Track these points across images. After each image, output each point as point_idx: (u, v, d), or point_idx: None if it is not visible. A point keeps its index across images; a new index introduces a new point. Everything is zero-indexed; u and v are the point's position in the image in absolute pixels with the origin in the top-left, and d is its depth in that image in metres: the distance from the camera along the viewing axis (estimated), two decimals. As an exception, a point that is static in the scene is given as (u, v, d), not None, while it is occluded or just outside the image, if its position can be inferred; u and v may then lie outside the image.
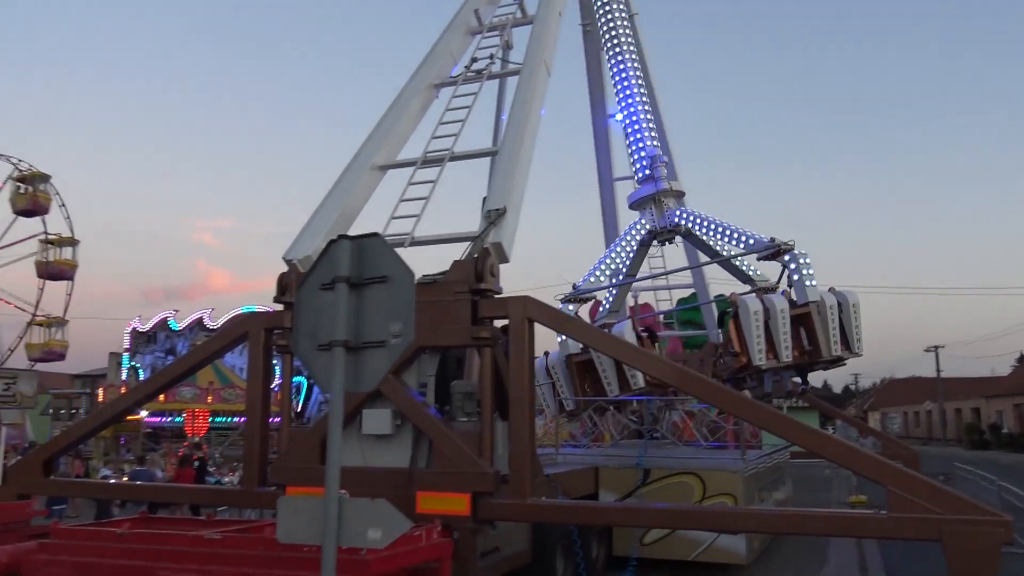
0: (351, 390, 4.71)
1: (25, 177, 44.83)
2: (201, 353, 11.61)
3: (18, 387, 11.51)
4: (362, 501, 4.53)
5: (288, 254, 10.50)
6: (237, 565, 6.55)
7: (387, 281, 4.65)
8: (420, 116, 12.53)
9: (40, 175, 45.13)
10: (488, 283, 9.02)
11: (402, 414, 9.15)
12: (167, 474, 20.81)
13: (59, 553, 7.43)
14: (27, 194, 44.49)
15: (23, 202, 44.28)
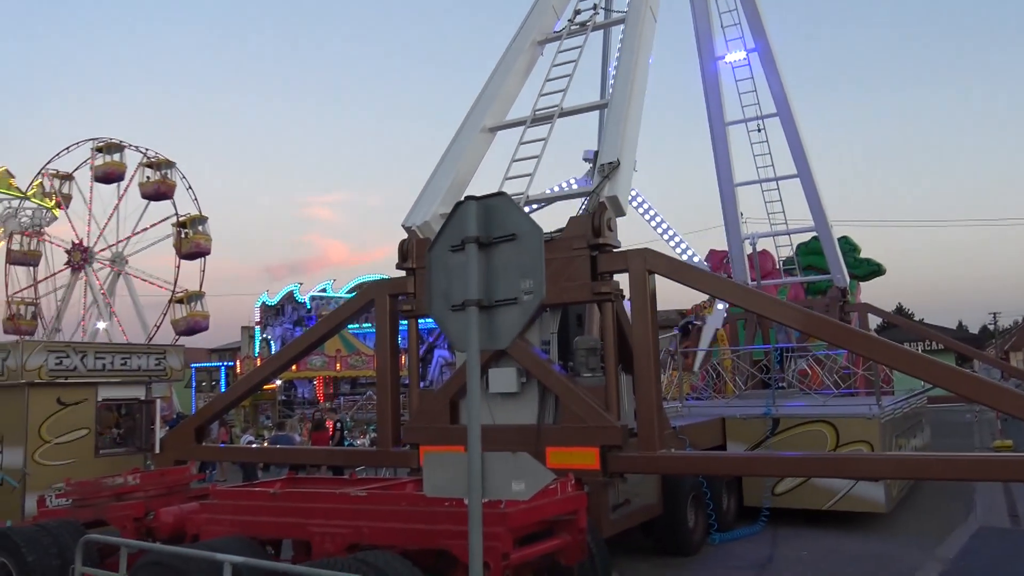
0: (486, 348, 4.80)
1: (152, 163, 47.61)
2: (329, 323, 12.07)
3: (167, 361, 12.28)
4: (504, 455, 4.65)
5: (407, 221, 10.73)
6: (383, 520, 6.86)
7: (516, 239, 4.70)
8: (526, 75, 12.47)
9: (166, 161, 47.83)
10: (606, 237, 8.97)
11: (527, 372, 9.28)
12: (303, 438, 21.89)
13: (219, 512, 7.98)
14: (154, 180, 47.31)
15: (150, 187, 47.14)
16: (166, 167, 47.60)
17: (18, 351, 10.54)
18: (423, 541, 6.59)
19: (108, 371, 11.35)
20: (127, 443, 11.69)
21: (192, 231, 46.91)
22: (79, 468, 10.41)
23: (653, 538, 10.68)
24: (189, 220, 47.12)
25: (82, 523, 8.69)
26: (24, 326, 47.67)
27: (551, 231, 9.21)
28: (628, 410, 9.42)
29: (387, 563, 5.99)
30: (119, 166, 48.46)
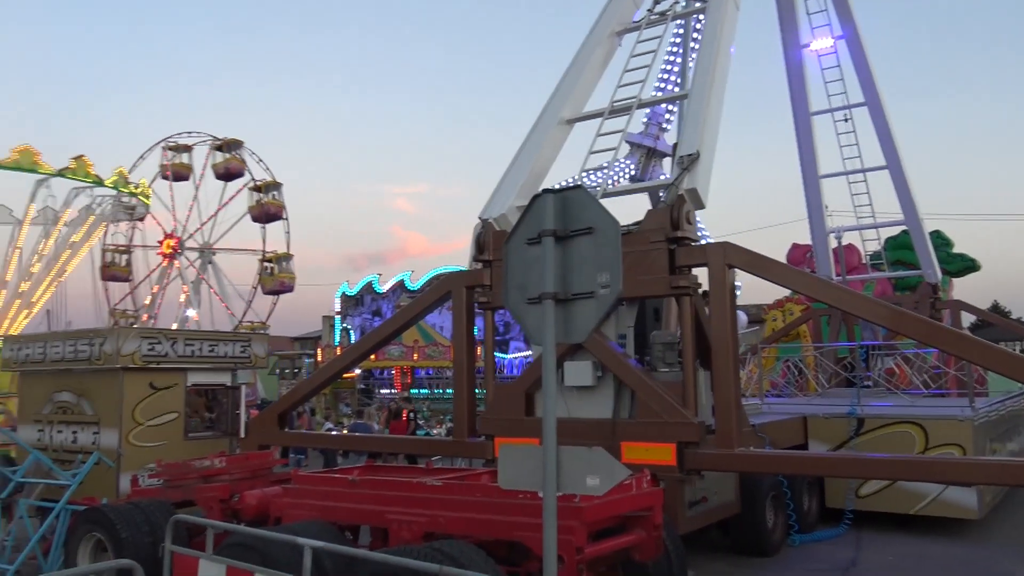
0: (562, 341, 4.78)
1: (221, 145, 49.53)
2: (408, 314, 12.23)
3: (252, 349, 12.64)
4: (579, 449, 4.63)
5: (484, 213, 10.78)
6: (457, 510, 6.93)
7: (593, 232, 4.66)
8: (604, 66, 12.36)
9: (233, 141, 49.73)
10: (685, 231, 8.83)
11: (603, 366, 9.22)
12: (381, 427, 22.29)
13: (301, 497, 8.19)
14: (223, 160, 49.26)
15: (221, 167, 49.15)
16: (234, 147, 49.51)
17: (114, 337, 11.01)
18: (497, 532, 6.63)
19: (197, 357, 11.75)
20: (214, 427, 12.09)
21: (266, 195, 48.72)
22: (169, 450, 10.82)
23: (731, 537, 10.50)
24: (263, 185, 48.99)
25: (172, 503, 9.04)
26: (119, 272, 50.08)
27: (628, 224, 9.12)
28: (706, 406, 9.27)
29: (462, 553, 6.04)
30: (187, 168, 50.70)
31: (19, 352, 12.69)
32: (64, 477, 10.04)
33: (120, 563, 5.41)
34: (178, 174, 50.64)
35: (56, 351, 11.80)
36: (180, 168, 50.65)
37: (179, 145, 50.81)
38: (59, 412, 11.69)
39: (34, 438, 11.86)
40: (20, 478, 10.53)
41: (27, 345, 12.61)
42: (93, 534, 8.80)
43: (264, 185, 49.44)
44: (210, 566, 6.45)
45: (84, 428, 11.26)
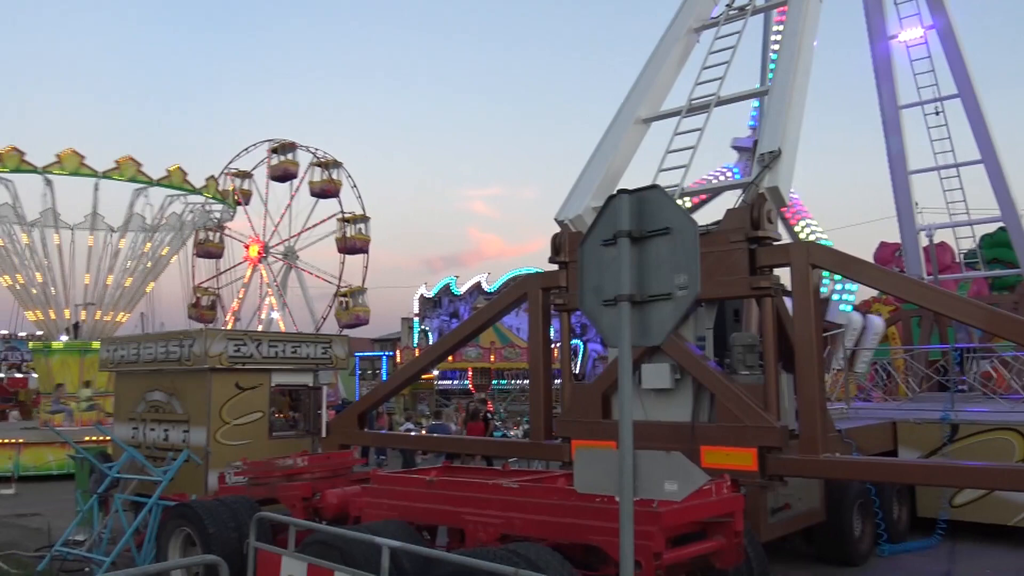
0: (638, 344, 4.71)
1: (321, 163, 50.68)
2: (484, 316, 12.30)
3: (333, 350, 12.90)
4: (657, 454, 4.55)
5: (559, 215, 10.75)
6: (534, 512, 6.90)
7: (670, 233, 4.58)
8: (682, 63, 12.18)
9: (333, 161, 50.90)
10: (766, 230, 8.62)
11: (681, 368, 9.07)
12: (459, 428, 22.48)
13: (379, 496, 8.31)
14: (322, 179, 50.44)
15: (318, 186, 50.27)
16: (333, 167, 50.63)
17: (202, 338, 11.40)
18: (574, 535, 6.59)
19: (280, 358, 12.06)
20: (296, 427, 12.39)
21: (354, 229, 49.69)
22: (254, 448, 11.13)
23: (815, 545, 10.18)
24: (352, 218, 49.99)
25: (256, 500, 9.29)
26: (206, 315, 52.01)
27: (707, 224, 8.95)
28: (788, 410, 9.02)
29: (538, 555, 6.02)
30: (293, 164, 51.93)
31: (115, 353, 13.27)
32: (156, 473, 10.42)
33: (206, 559, 5.58)
34: (285, 172, 52.04)
35: (149, 352, 12.30)
36: (288, 165, 52.03)
37: (284, 144, 52.26)
38: (152, 411, 12.17)
39: (128, 435, 12.38)
40: (116, 474, 11.00)
41: (122, 346, 13.17)
42: (183, 529, 9.12)
43: (353, 218, 50.46)
44: (292, 563, 6.59)
45: (175, 426, 11.70)
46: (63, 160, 26.35)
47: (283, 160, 52.18)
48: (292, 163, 52.25)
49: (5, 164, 26.06)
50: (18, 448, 21.96)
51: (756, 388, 8.55)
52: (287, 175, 52.23)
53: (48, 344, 27.74)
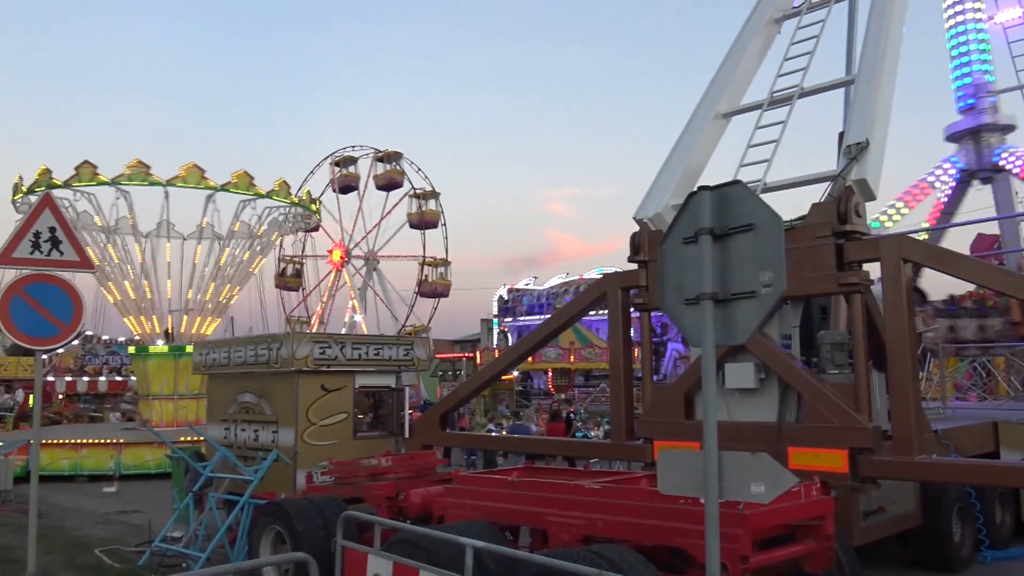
0: (722, 343, 4.62)
1: (382, 157, 51.87)
2: (564, 316, 12.26)
3: (415, 352, 13.07)
4: (743, 455, 4.45)
5: (638, 213, 10.63)
6: (616, 514, 6.84)
7: (753, 229, 4.47)
8: (762, 56, 11.89)
9: (394, 153, 52.07)
10: (854, 224, 8.33)
11: (766, 367, 8.86)
12: (540, 428, 22.49)
13: (462, 496, 8.37)
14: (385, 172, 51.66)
15: (383, 179, 51.55)
16: (395, 159, 51.80)
17: (289, 341, 11.71)
18: (657, 537, 6.50)
19: (364, 360, 12.28)
20: (380, 427, 12.60)
21: (424, 203, 50.77)
22: (339, 449, 11.36)
23: (911, 550, 9.80)
24: (423, 194, 51.09)
25: (342, 499, 9.49)
26: (290, 283, 53.67)
27: (792, 219, 8.71)
28: (880, 410, 8.70)
29: (622, 557, 5.97)
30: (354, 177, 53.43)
31: (207, 356, 13.75)
32: (247, 473, 10.75)
33: (296, 556, 5.72)
34: (346, 185, 53.60)
35: (239, 355, 12.69)
36: (348, 178, 53.57)
37: (345, 158, 53.76)
38: (242, 412, 12.56)
39: (221, 436, 12.81)
40: (210, 473, 11.40)
41: (214, 350, 13.63)
42: (273, 527, 9.38)
43: (423, 194, 51.58)
44: (378, 562, 6.70)
45: (264, 427, 12.04)
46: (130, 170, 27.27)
47: (345, 173, 53.63)
48: (353, 176, 53.69)
49: (80, 178, 27.28)
50: (119, 448, 23.02)
51: (846, 387, 8.29)
52: (350, 187, 53.60)
53: (145, 348, 28.97)
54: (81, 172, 27.24)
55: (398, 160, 52.46)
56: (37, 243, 9.06)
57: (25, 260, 9.10)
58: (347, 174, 53.82)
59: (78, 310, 9.33)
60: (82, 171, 27.23)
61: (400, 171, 52.07)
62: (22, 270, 9.33)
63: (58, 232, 9.20)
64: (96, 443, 23.40)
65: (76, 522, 15.02)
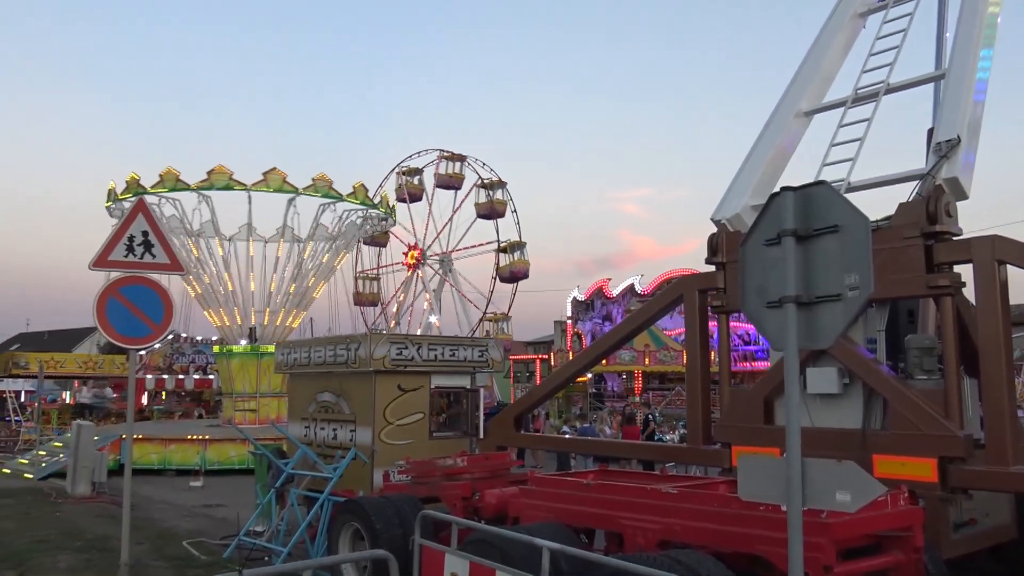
0: (806, 347, 4.51)
1: (486, 184, 51.70)
2: (639, 318, 12.15)
3: (489, 353, 13.15)
4: (828, 462, 4.33)
5: (716, 214, 10.47)
6: (694, 519, 6.75)
7: (838, 230, 4.35)
8: (846, 52, 11.55)
9: (499, 182, 51.73)
10: (944, 224, 8.01)
11: (850, 372, 8.60)
12: (614, 431, 22.36)
13: (537, 498, 8.38)
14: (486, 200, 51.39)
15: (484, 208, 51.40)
16: (498, 188, 51.50)
17: (367, 342, 11.93)
18: (736, 544, 6.39)
19: (439, 361, 12.43)
20: (455, 428, 12.73)
21: (511, 256, 50.41)
22: (416, 448, 11.52)
23: (1006, 564, 9.36)
24: (510, 245, 50.61)
25: (419, 498, 9.61)
26: (368, 299, 54.56)
27: (877, 219, 8.44)
28: (972, 418, 8.35)
29: (700, 563, 5.88)
30: (458, 177, 53.70)
31: (288, 356, 14.12)
32: (327, 470, 11.00)
33: (376, 554, 5.82)
34: (412, 195, 54.17)
35: (318, 355, 13.00)
36: (413, 189, 54.17)
37: (411, 169, 54.33)
38: (321, 411, 12.85)
39: (301, 434, 13.13)
40: (291, 470, 11.70)
41: (295, 350, 14.00)
42: (351, 524, 9.57)
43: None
44: (455, 561, 6.77)
45: (342, 426, 12.30)
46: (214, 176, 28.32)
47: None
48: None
49: (165, 184, 28.40)
50: (204, 444, 23.87)
51: (935, 394, 7.98)
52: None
53: (229, 348, 29.95)
54: (165, 178, 28.41)
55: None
56: (131, 246, 9.48)
57: (120, 263, 9.52)
58: (412, 185, 54.38)
59: (168, 310, 9.72)
60: (166, 177, 28.40)
61: (502, 203, 51.70)
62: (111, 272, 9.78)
63: (150, 236, 9.59)
64: (183, 439, 24.33)
65: (164, 514, 15.63)
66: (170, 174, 28.28)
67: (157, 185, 28.27)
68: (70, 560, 10.94)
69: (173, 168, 28.36)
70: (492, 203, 51.15)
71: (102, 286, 9.56)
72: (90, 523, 13.97)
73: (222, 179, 28.22)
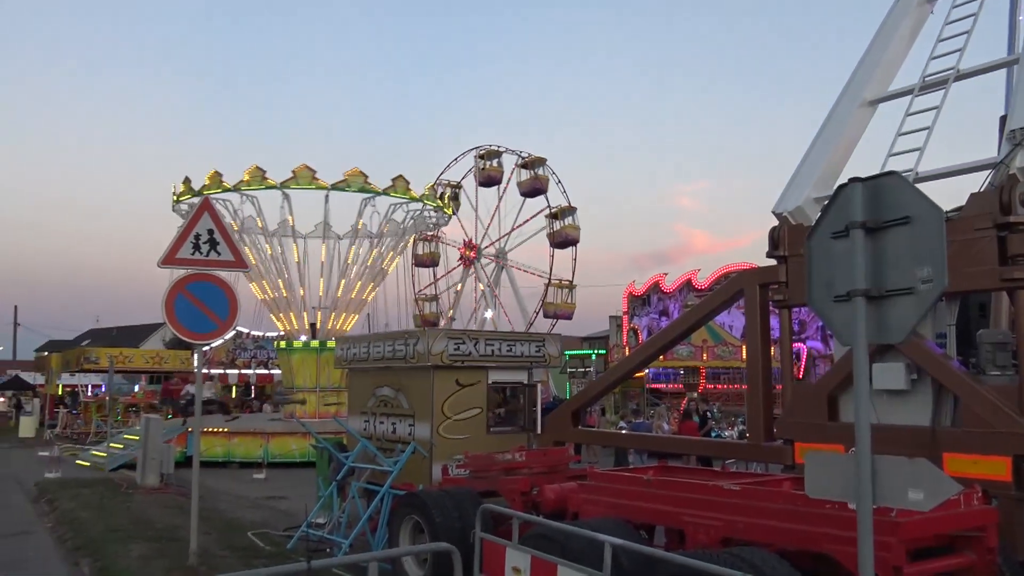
0: (875, 341, 4.40)
1: (526, 163, 52.20)
2: (698, 313, 12.00)
3: (546, 348, 13.15)
4: (899, 459, 4.23)
5: (777, 207, 10.29)
6: (758, 516, 6.65)
7: (910, 222, 4.23)
8: (913, 38, 11.22)
9: (538, 159, 52.29)
10: (1018, 215, 7.72)
11: (918, 368, 8.37)
12: (672, 427, 22.16)
13: (596, 494, 8.37)
14: (528, 178, 51.95)
15: (526, 185, 51.87)
16: (538, 165, 51.95)
17: (425, 337, 12.04)
18: (802, 542, 6.28)
19: (496, 356, 12.47)
20: (512, 423, 12.75)
21: (562, 222, 50.84)
22: (473, 443, 11.58)
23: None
24: (560, 211, 51.16)
25: (477, 492, 9.67)
26: (427, 259, 55.45)
27: (947, 210, 8.19)
28: (1051, 416, 8.06)
29: (764, 561, 5.80)
30: (496, 171, 53.99)
31: (348, 351, 14.33)
32: (386, 464, 11.14)
33: (440, 546, 5.88)
34: (490, 178, 54.48)
35: (377, 351, 13.16)
36: (492, 171, 54.45)
37: (490, 151, 54.64)
38: (380, 405, 13.01)
39: (360, 427, 13.32)
40: (351, 463, 11.88)
41: (354, 345, 14.19)
42: (411, 517, 9.68)
43: (560, 211, 51.67)
44: (517, 555, 6.80)
45: (401, 420, 12.44)
46: (297, 175, 29.01)
47: (488, 167, 54.34)
48: (496, 169, 54.33)
49: (249, 182, 29.11)
50: (267, 438, 24.39)
51: (1009, 390, 7.72)
52: (492, 181, 54.33)
53: (290, 344, 30.53)
54: (249, 176, 29.18)
55: (542, 165, 52.77)
56: (197, 244, 9.73)
57: (187, 260, 9.79)
58: (491, 168, 54.67)
59: (233, 306, 9.95)
60: (251, 175, 29.16)
61: (544, 178, 52.19)
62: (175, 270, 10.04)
63: (216, 234, 9.83)
64: (246, 433, 24.90)
65: (229, 505, 16.02)
66: (256, 172, 29.01)
67: (241, 183, 29.10)
68: (142, 549, 11.29)
69: (259, 166, 29.12)
70: (563, 230, 51.66)
71: (170, 283, 9.85)
72: (159, 513, 14.39)
73: (306, 178, 28.89)
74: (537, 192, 52.30)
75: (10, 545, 12.56)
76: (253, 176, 29.05)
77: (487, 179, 54.64)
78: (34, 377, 53.97)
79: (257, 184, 29.11)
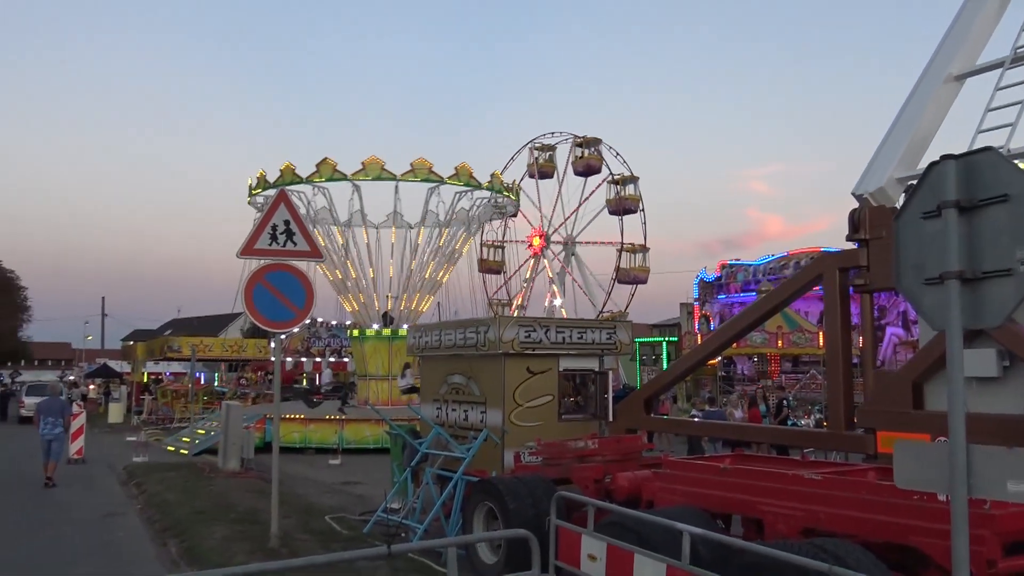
0: (970, 326, 4.21)
1: (581, 143, 52.14)
2: (775, 299, 11.70)
3: (617, 336, 13.03)
4: (997, 450, 4.04)
5: (858, 188, 9.96)
6: (841, 507, 6.47)
7: (1008, 200, 4.02)
8: (1002, 8, 10.68)
9: (593, 139, 52.10)
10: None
11: (1011, 354, 8.00)
12: (745, 415, 21.76)
13: (671, 482, 8.27)
14: (584, 157, 51.94)
15: (581, 164, 51.94)
16: (594, 144, 51.86)
17: (496, 325, 12.06)
18: (888, 534, 6.08)
19: (567, 344, 12.41)
20: (583, 410, 12.68)
21: (623, 188, 50.75)
22: (545, 430, 11.56)
23: None
24: (622, 179, 51.09)
25: (550, 479, 9.65)
26: (493, 266, 55.49)
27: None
28: None
29: (848, 553, 5.62)
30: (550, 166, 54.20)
31: (420, 339, 14.46)
32: (459, 450, 11.21)
33: (517, 533, 5.88)
34: (543, 172, 54.73)
35: (449, 338, 13.24)
36: (545, 166, 54.68)
37: (544, 145, 54.77)
38: (452, 392, 13.10)
39: (433, 415, 13.44)
40: (425, 449, 12.01)
41: (426, 333, 14.31)
42: (485, 503, 9.72)
43: (622, 179, 51.57)
44: (592, 543, 6.77)
45: (473, 407, 12.50)
46: (367, 166, 29.43)
47: (543, 161, 54.41)
48: (549, 164, 54.42)
49: (321, 174, 29.65)
50: (341, 424, 24.87)
51: (1111, 378, 7.33)
52: (545, 175, 54.37)
53: (363, 331, 31.04)
54: (321, 168, 29.82)
55: (596, 146, 52.73)
56: (274, 235, 9.94)
57: (265, 251, 10.01)
58: (544, 162, 54.82)
59: (309, 295, 10.14)
60: (322, 168, 29.80)
61: (599, 156, 52.29)
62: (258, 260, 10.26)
63: (292, 225, 10.03)
64: (322, 419, 25.44)
65: (307, 490, 16.39)
66: (326, 164, 29.59)
67: (313, 175, 29.73)
68: (224, 531, 11.64)
69: (330, 159, 29.68)
70: (622, 199, 51.38)
71: (249, 273, 10.09)
72: (240, 497, 14.82)
73: (375, 169, 29.38)
74: (592, 171, 52.44)
75: (104, 525, 13.13)
76: (324, 168, 29.59)
77: (542, 173, 54.84)
78: (120, 365, 56.19)
79: (328, 176, 29.64)
